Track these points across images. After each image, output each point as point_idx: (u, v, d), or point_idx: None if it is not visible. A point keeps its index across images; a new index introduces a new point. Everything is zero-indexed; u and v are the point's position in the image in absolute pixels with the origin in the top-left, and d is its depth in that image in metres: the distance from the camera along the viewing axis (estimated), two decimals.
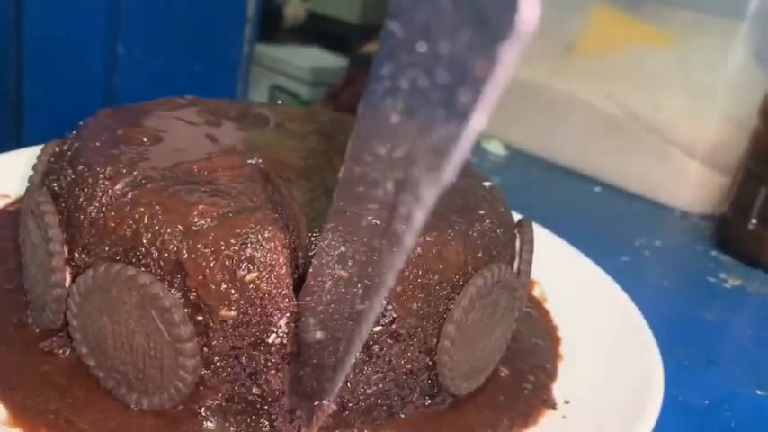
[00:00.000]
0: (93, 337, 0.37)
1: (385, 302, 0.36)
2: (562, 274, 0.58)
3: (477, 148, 1.02)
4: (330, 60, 3.29)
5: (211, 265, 0.35)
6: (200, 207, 0.36)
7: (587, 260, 0.60)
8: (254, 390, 0.37)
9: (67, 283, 0.38)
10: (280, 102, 0.59)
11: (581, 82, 0.99)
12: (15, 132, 1.28)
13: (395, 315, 0.37)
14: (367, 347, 0.37)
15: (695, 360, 0.57)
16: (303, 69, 3.12)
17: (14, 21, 1.23)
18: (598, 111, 0.97)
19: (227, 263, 0.35)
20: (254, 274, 0.35)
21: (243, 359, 0.36)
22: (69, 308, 0.37)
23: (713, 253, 0.79)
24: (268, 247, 0.36)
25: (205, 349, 0.36)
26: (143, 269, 0.35)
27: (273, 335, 0.36)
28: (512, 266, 0.44)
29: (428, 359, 0.39)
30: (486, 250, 0.40)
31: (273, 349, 0.36)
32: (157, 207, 0.37)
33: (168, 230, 0.36)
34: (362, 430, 0.39)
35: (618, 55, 0.98)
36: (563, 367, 0.48)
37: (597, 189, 0.94)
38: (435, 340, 0.38)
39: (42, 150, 0.45)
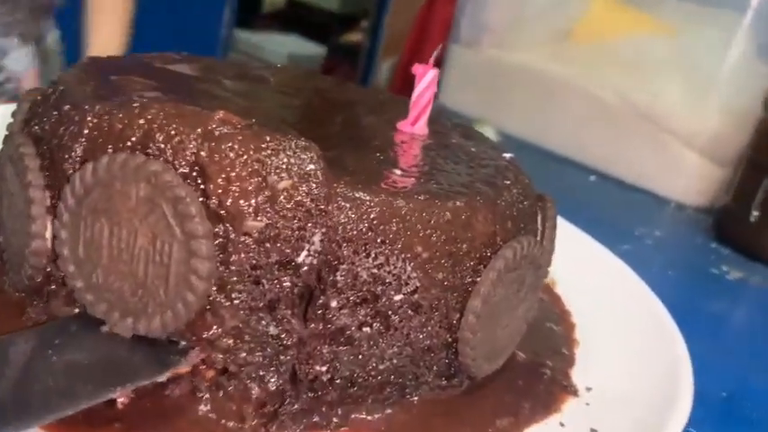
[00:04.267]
0: (85, 249, 0.32)
1: (409, 268, 0.33)
2: (570, 256, 0.55)
3: None
4: (309, 48, 3.25)
5: (237, 168, 0.31)
6: (221, 113, 0.33)
7: (595, 242, 0.57)
8: (271, 328, 0.32)
9: (48, 235, 0.33)
10: (279, 65, 0.55)
11: (577, 68, 0.97)
12: None
13: (418, 284, 0.33)
14: (385, 317, 0.33)
15: (708, 351, 0.55)
16: (281, 56, 3.07)
17: None
18: (594, 98, 0.95)
19: (256, 167, 0.31)
20: (288, 182, 0.31)
21: (264, 283, 0.32)
22: (58, 216, 0.33)
23: (713, 245, 0.77)
24: (303, 156, 0.32)
25: (221, 268, 0.31)
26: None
27: (305, 253, 0.32)
28: (537, 239, 0.41)
29: (448, 335, 0.35)
30: (514, 221, 0.37)
31: (303, 272, 0.32)
32: (172, 111, 0.33)
33: (185, 131, 0.32)
34: (371, 412, 0.35)
35: (616, 42, 0.96)
36: (580, 353, 0.45)
37: (592, 178, 0.92)
38: (458, 315, 0.35)
39: (22, 97, 0.41)
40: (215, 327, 0.32)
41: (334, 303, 0.32)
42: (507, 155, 0.45)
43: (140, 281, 0.31)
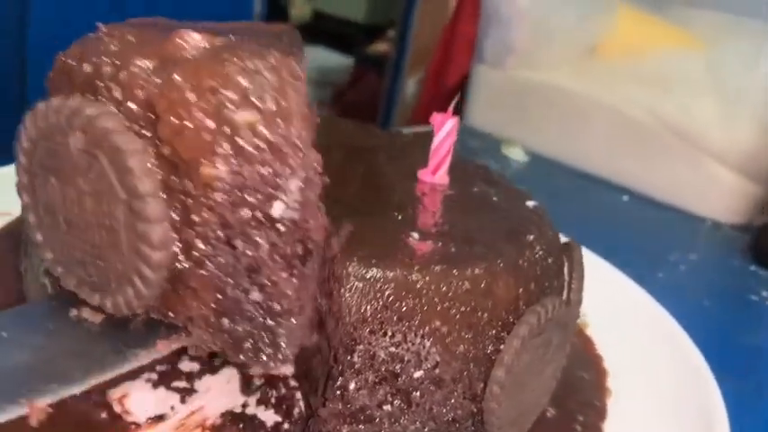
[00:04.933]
0: (46, 214, 0.29)
1: (428, 344, 0.32)
2: (602, 296, 0.53)
3: (498, 155, 0.97)
4: (335, 60, 3.25)
5: (189, 103, 0.26)
6: (183, 33, 0.28)
7: (628, 280, 0.56)
8: (255, 295, 0.27)
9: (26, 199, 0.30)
10: None
11: (606, 86, 0.95)
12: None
13: (438, 359, 0.32)
14: (406, 394, 0.32)
15: (747, 390, 0.53)
16: (308, 69, 3.08)
17: (18, 25, 1.20)
18: (624, 115, 0.92)
19: (210, 99, 0.26)
20: (250, 115, 0.26)
21: (238, 243, 0.26)
22: (18, 177, 0.29)
23: (752, 268, 0.75)
24: (272, 79, 0.26)
25: (186, 230, 0.26)
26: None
27: (280, 204, 0.27)
28: (562, 297, 0.40)
29: (473, 406, 0.34)
30: (537, 282, 0.36)
31: (282, 227, 0.27)
32: (128, 39, 0.28)
33: (137, 63, 0.27)
34: None
35: (644, 58, 0.94)
36: (612, 404, 0.44)
37: (625, 198, 0.90)
38: (482, 385, 0.34)
39: None
40: (189, 300, 0.27)
41: (352, 385, 0.31)
42: (531, 203, 0.44)
43: (96, 251, 0.27)
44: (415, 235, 0.35)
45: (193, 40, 0.28)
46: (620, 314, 0.52)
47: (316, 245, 0.29)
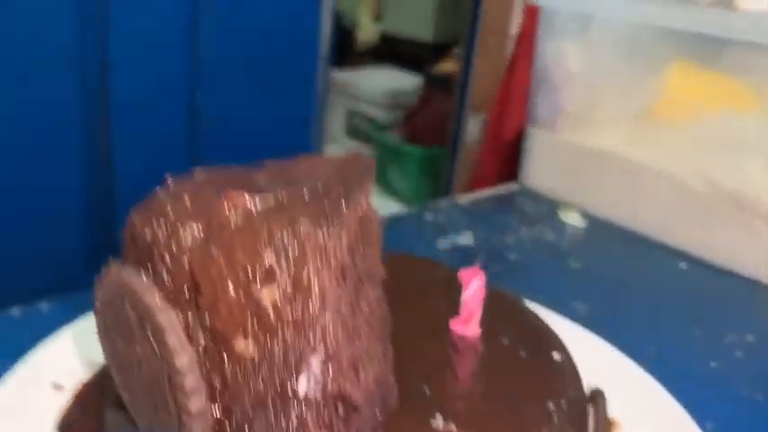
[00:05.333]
0: (119, 370, 0.31)
1: None
2: (633, 400, 0.54)
3: (555, 221, 0.99)
4: (405, 80, 3.30)
5: (223, 275, 0.27)
6: (232, 196, 0.29)
7: (660, 388, 0.56)
8: None
9: None
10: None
11: (659, 149, 0.95)
12: (105, 188, 1.36)
13: None
14: None
15: None
16: (378, 93, 3.14)
17: (101, 82, 1.30)
18: (679, 179, 0.92)
19: (240, 274, 0.27)
20: (271, 292, 0.27)
21: (271, 414, 0.28)
22: (98, 332, 0.32)
23: None
24: (295, 253, 0.27)
25: (224, 397, 0.28)
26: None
27: (304, 379, 0.28)
28: None
29: None
30: None
31: (305, 403, 0.28)
32: (186, 199, 0.30)
33: (186, 229, 0.29)
34: None
35: (697, 119, 0.93)
36: None
37: (683, 265, 0.90)
38: None
39: None
40: None
41: None
42: (557, 355, 0.46)
43: (155, 411, 0.29)
44: (440, 422, 0.39)
45: (241, 203, 0.30)
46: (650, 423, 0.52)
47: (362, 404, 0.32)
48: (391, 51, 3.54)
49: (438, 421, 0.39)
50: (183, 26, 1.39)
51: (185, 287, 0.28)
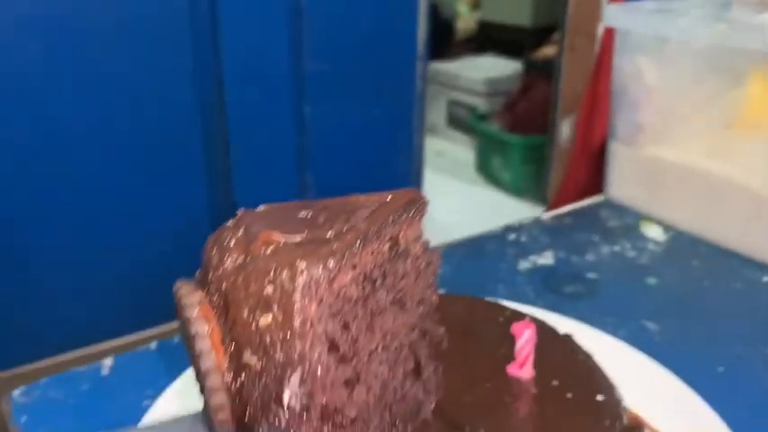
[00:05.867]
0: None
1: None
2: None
3: (637, 234, 1.02)
4: (504, 67, 3.31)
5: (240, 299, 0.34)
6: (269, 235, 0.36)
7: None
8: None
9: None
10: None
11: (740, 163, 0.96)
12: (226, 202, 1.49)
13: None
14: None
15: None
16: (477, 81, 3.17)
17: (218, 102, 1.43)
18: (759, 194, 0.94)
19: (251, 300, 0.34)
20: (266, 320, 0.33)
21: (270, 415, 0.34)
22: None
23: None
24: (287, 287, 0.33)
25: (242, 391, 0.35)
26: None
27: (287, 392, 0.34)
28: None
29: None
30: None
31: (289, 412, 0.34)
32: (240, 232, 0.37)
33: (230, 259, 0.36)
34: None
35: None
36: None
37: (766, 279, 0.92)
38: None
39: None
40: None
41: None
42: (600, 397, 0.53)
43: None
44: None
45: (274, 239, 0.36)
46: None
47: (358, 416, 0.38)
48: (490, 39, 3.55)
49: None
50: (288, 44, 1.49)
51: (221, 303, 0.36)
